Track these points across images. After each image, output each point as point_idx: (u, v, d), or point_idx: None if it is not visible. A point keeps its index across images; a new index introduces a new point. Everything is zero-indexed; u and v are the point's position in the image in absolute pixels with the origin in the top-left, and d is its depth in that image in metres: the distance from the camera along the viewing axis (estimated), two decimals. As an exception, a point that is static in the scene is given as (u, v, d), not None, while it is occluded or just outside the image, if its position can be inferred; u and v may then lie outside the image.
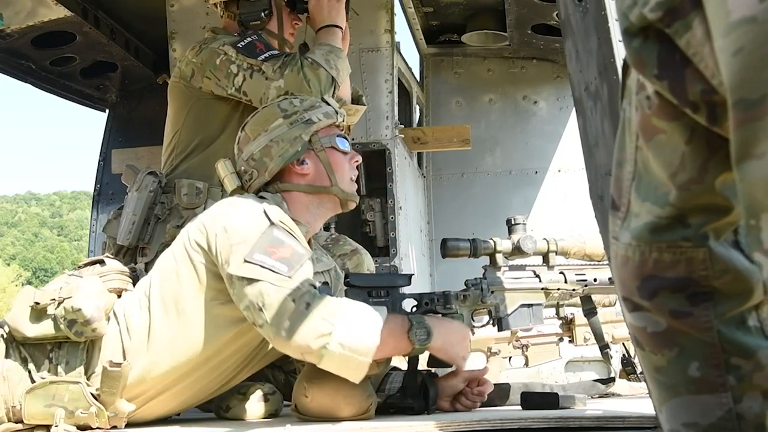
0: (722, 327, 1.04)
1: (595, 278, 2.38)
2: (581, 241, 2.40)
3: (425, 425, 1.82)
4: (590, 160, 1.67)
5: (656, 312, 1.07)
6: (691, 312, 1.05)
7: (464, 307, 2.25)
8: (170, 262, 2.10)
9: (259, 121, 2.27)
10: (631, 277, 1.08)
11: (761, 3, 0.77)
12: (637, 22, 0.94)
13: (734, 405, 1.05)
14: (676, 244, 1.03)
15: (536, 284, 2.34)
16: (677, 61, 0.92)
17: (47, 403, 2.00)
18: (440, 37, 5.00)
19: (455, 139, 4.53)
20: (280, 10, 3.05)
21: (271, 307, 1.90)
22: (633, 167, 1.06)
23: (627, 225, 1.08)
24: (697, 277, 1.04)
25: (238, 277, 1.95)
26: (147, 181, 2.94)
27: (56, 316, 2.02)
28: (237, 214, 2.04)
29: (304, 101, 2.33)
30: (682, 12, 0.89)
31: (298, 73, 2.82)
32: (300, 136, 2.24)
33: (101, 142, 4.92)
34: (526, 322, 2.34)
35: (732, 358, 1.05)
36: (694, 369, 1.06)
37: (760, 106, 0.77)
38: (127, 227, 2.91)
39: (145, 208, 2.92)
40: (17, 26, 4.01)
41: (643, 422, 1.72)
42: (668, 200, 1.02)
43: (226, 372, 2.15)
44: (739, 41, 0.78)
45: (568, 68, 1.73)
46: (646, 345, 1.10)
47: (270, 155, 2.22)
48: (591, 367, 3.31)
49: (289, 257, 1.96)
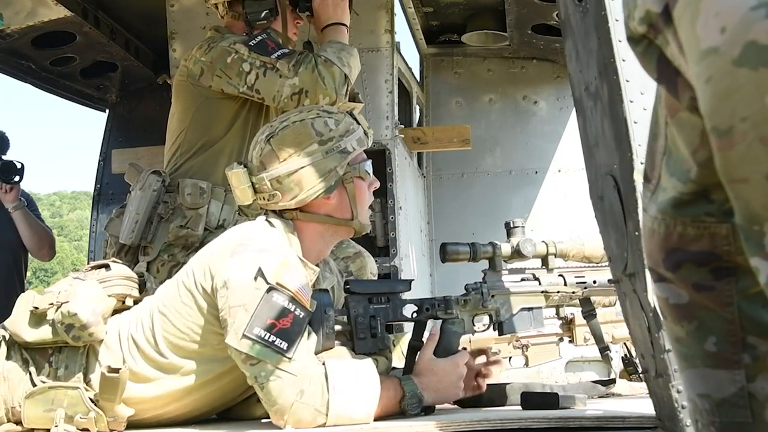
0: (744, 303, 1.05)
1: (595, 280, 2.38)
2: (580, 243, 2.40)
3: (425, 425, 1.82)
4: (590, 160, 1.67)
5: (680, 284, 1.08)
6: (713, 286, 1.06)
7: (465, 312, 2.25)
8: (174, 297, 2.06)
9: (291, 141, 2.12)
10: (657, 249, 1.09)
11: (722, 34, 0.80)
12: (635, 31, 0.98)
13: (747, 383, 1.06)
14: (700, 219, 1.05)
15: (536, 287, 2.34)
16: (671, 69, 0.95)
17: (46, 408, 1.99)
18: (440, 37, 5.00)
19: (455, 139, 4.53)
20: (284, 10, 3.05)
21: (269, 393, 1.90)
22: (665, 141, 1.08)
23: (655, 198, 1.10)
24: (720, 252, 1.05)
25: (237, 350, 1.92)
26: (150, 180, 2.94)
27: (54, 321, 2.02)
28: (237, 269, 1.96)
29: (339, 124, 2.17)
30: (658, 27, 0.93)
31: (312, 71, 2.82)
32: (335, 169, 2.13)
33: (101, 142, 4.92)
34: (526, 325, 2.34)
35: (749, 336, 1.06)
36: (711, 344, 1.07)
37: (730, 136, 0.81)
38: (129, 226, 2.91)
39: (148, 207, 2.91)
40: (17, 26, 4.01)
41: (643, 422, 1.72)
42: (690, 177, 1.04)
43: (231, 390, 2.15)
44: (708, 70, 0.82)
45: (568, 68, 1.73)
46: (668, 315, 1.12)
47: (300, 184, 2.11)
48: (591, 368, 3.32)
49: (289, 329, 1.91)
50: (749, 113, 0.79)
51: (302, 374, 1.90)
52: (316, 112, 2.19)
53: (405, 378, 2.09)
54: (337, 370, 1.96)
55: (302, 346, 1.93)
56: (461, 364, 2.15)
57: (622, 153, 1.50)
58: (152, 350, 2.04)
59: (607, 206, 1.58)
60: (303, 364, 1.91)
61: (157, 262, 2.92)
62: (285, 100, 2.87)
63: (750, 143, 0.80)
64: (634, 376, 2.70)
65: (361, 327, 2.13)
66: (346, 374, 1.96)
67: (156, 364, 2.04)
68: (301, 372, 1.90)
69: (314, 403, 1.90)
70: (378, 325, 2.15)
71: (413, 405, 2.03)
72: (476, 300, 2.26)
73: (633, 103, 1.48)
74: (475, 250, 2.31)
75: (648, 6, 0.93)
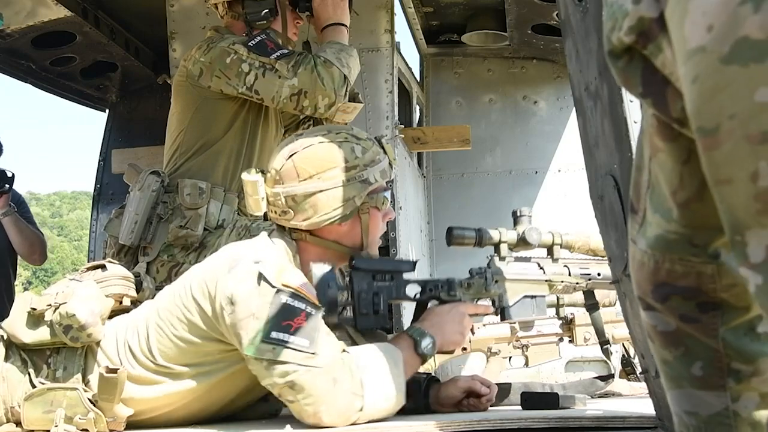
0: (728, 334, 1.10)
1: (599, 273, 2.39)
2: (586, 236, 2.41)
3: (425, 425, 1.82)
4: (590, 160, 1.66)
5: (667, 314, 1.12)
6: (699, 318, 1.10)
7: (467, 295, 2.25)
8: (170, 311, 2.03)
9: (314, 162, 2.07)
10: (646, 281, 1.13)
11: (708, 33, 0.79)
12: (618, 44, 0.97)
13: (731, 403, 1.11)
14: (686, 258, 1.08)
15: (540, 276, 2.34)
16: (659, 80, 0.95)
17: (46, 410, 1.99)
18: (440, 37, 5.00)
19: (455, 139, 4.53)
20: (284, 10, 3.05)
21: (300, 391, 1.85)
22: (648, 176, 1.11)
23: (643, 232, 1.12)
24: (706, 289, 1.09)
25: (258, 358, 1.87)
26: (150, 181, 2.94)
27: (52, 322, 2.01)
28: (238, 281, 1.93)
29: (366, 152, 2.12)
30: (651, 35, 0.92)
31: (312, 72, 2.82)
32: (353, 198, 2.09)
33: (101, 142, 4.92)
34: (529, 313, 2.34)
35: (733, 362, 1.10)
36: (697, 368, 1.11)
37: (716, 134, 0.80)
38: (129, 227, 2.90)
39: (147, 207, 2.91)
40: (17, 26, 4.01)
41: (643, 422, 1.72)
42: (672, 216, 1.07)
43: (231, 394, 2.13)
44: (695, 70, 0.81)
45: (568, 68, 1.73)
46: (656, 340, 1.15)
47: (315, 208, 2.07)
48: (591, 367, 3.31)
49: (305, 326, 1.88)
50: (737, 110, 0.78)
51: (330, 364, 1.87)
52: (345, 136, 2.13)
53: (408, 327, 2.11)
54: (359, 351, 1.95)
55: (322, 338, 1.90)
56: (462, 310, 2.15)
57: (622, 153, 1.50)
58: (147, 359, 2.02)
59: (607, 206, 1.57)
60: (328, 355, 1.88)
61: (157, 262, 2.92)
62: (284, 101, 2.87)
63: (736, 142, 0.79)
64: (632, 376, 2.70)
65: (364, 303, 2.11)
66: (369, 352, 1.95)
67: (152, 369, 2.03)
68: (328, 363, 1.87)
69: (349, 386, 1.86)
70: (381, 302, 2.13)
71: (429, 346, 2.03)
72: (480, 284, 2.26)
73: (633, 103, 1.48)
74: (481, 235, 2.32)
75: (642, 12, 0.92)
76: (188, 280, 2.05)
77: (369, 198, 2.12)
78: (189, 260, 2.90)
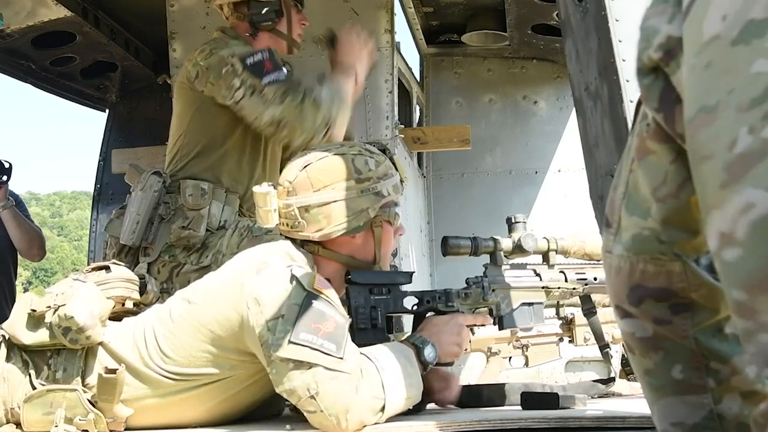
0: (699, 335, 1.13)
1: (595, 277, 2.38)
2: (581, 240, 2.40)
3: (425, 425, 1.82)
4: (590, 161, 1.67)
5: (643, 318, 1.15)
6: (671, 320, 1.13)
7: (465, 305, 2.25)
8: (182, 317, 2.01)
9: (328, 173, 2.08)
10: (622, 285, 1.16)
11: (723, 21, 0.82)
12: (648, 62, 1.02)
13: (714, 405, 1.13)
14: (656, 257, 1.12)
15: (537, 283, 2.34)
16: (673, 98, 1.00)
17: (45, 411, 1.99)
18: (440, 37, 5.00)
19: (455, 139, 4.53)
20: (290, 11, 3.05)
21: (325, 397, 1.81)
22: (624, 188, 1.16)
23: (618, 239, 1.17)
24: (676, 289, 1.12)
25: (284, 359, 1.83)
26: (152, 181, 2.94)
27: (52, 324, 2.01)
28: (267, 283, 1.91)
29: (379, 166, 2.13)
30: (674, 52, 0.98)
31: (297, 106, 2.83)
32: (367, 210, 2.09)
33: (101, 142, 4.92)
34: (527, 320, 2.34)
35: (711, 362, 1.13)
36: (677, 371, 1.14)
37: (714, 111, 0.82)
38: (130, 227, 2.90)
39: (149, 208, 2.91)
40: (17, 26, 4.02)
41: (643, 422, 1.72)
42: (650, 213, 1.11)
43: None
44: (708, 57, 0.84)
45: (568, 68, 1.73)
46: (636, 349, 1.18)
47: (329, 218, 2.06)
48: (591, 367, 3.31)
49: (334, 332, 1.85)
50: (735, 84, 0.80)
51: (355, 371, 1.85)
52: (358, 149, 2.14)
53: (409, 336, 2.10)
54: (376, 353, 1.94)
55: (349, 345, 1.88)
56: (460, 321, 2.15)
57: (622, 153, 1.50)
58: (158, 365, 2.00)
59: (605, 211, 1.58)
60: (354, 361, 1.86)
61: (158, 263, 2.92)
62: (264, 126, 2.88)
63: (729, 113, 0.80)
64: (632, 376, 2.70)
65: (362, 317, 2.11)
66: (385, 353, 1.94)
67: (163, 376, 2.01)
68: (353, 369, 1.85)
69: (371, 390, 1.85)
70: (378, 316, 2.13)
71: (431, 354, 2.03)
72: (477, 294, 2.26)
73: (633, 103, 1.48)
74: (477, 244, 2.31)
75: (670, 32, 0.98)
76: (205, 286, 2.03)
77: (382, 211, 2.13)
78: (191, 260, 2.90)
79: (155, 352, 2.01)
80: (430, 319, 2.16)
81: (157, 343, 2.01)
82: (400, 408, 1.91)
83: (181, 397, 2.00)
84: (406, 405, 1.92)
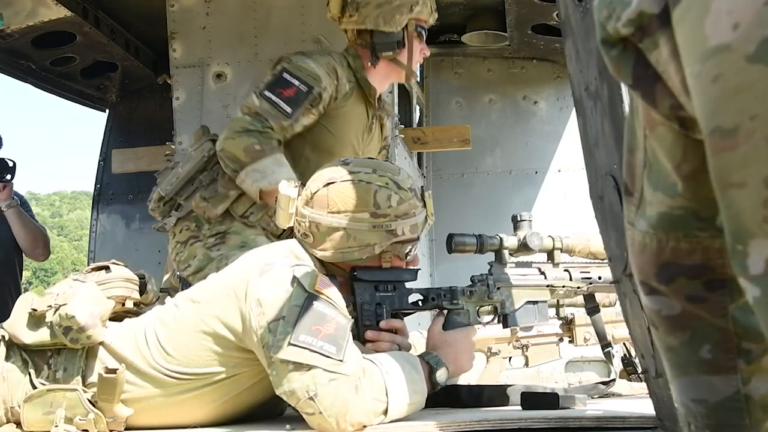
0: (737, 312, 1.06)
1: (600, 276, 2.38)
2: (586, 239, 2.41)
3: (425, 425, 1.82)
4: (590, 161, 1.66)
5: (672, 296, 1.09)
6: (707, 297, 1.06)
7: (470, 303, 2.25)
8: (186, 317, 2.01)
9: (347, 199, 2.08)
10: (649, 263, 1.09)
11: (734, 31, 0.77)
12: (614, 34, 0.96)
13: (742, 386, 1.08)
14: (692, 234, 1.04)
15: (542, 281, 2.34)
16: (650, 75, 0.94)
17: (45, 411, 1.99)
18: (440, 37, 5.00)
19: (455, 139, 4.53)
20: (412, 42, 3.10)
21: (324, 399, 1.81)
22: (644, 155, 1.07)
23: (642, 212, 1.09)
24: (713, 265, 1.05)
25: (284, 361, 1.84)
26: (206, 146, 3.06)
27: (52, 323, 2.01)
28: (269, 285, 1.92)
29: (401, 204, 2.11)
30: (649, 30, 0.91)
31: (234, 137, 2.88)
32: (374, 246, 2.10)
33: (101, 142, 4.93)
34: (531, 319, 2.34)
35: (743, 342, 1.07)
36: (705, 351, 1.08)
37: (734, 136, 0.78)
38: (170, 179, 3.05)
39: (193, 168, 3.03)
40: (17, 26, 4.02)
41: (643, 422, 1.72)
42: (677, 191, 1.03)
43: None
44: (717, 68, 0.79)
45: (568, 68, 1.73)
46: (660, 326, 1.12)
47: (334, 242, 2.08)
48: (591, 367, 3.31)
49: (334, 333, 1.86)
50: (760, 111, 0.76)
51: (355, 372, 1.86)
52: (387, 180, 2.12)
53: (425, 353, 2.10)
54: (381, 358, 1.95)
55: (349, 348, 1.88)
56: (471, 335, 2.18)
57: (622, 153, 1.50)
58: (160, 365, 2.01)
59: (607, 206, 1.57)
60: (353, 363, 1.87)
61: (183, 222, 3.03)
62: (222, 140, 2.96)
63: (756, 143, 0.77)
64: (633, 376, 2.70)
65: (367, 314, 2.12)
66: (390, 358, 1.95)
67: (166, 375, 2.01)
68: (353, 371, 1.85)
69: (372, 392, 1.85)
70: (384, 313, 2.14)
71: (442, 376, 2.05)
72: (482, 291, 2.27)
73: (633, 103, 1.48)
74: (482, 242, 2.31)
75: (642, 7, 0.91)
76: (210, 286, 2.04)
77: (392, 247, 2.14)
78: (205, 238, 2.97)
79: (157, 351, 2.01)
80: (447, 336, 2.17)
81: (159, 343, 2.01)
82: (403, 413, 1.91)
83: (185, 397, 2.00)
84: (409, 410, 1.92)
